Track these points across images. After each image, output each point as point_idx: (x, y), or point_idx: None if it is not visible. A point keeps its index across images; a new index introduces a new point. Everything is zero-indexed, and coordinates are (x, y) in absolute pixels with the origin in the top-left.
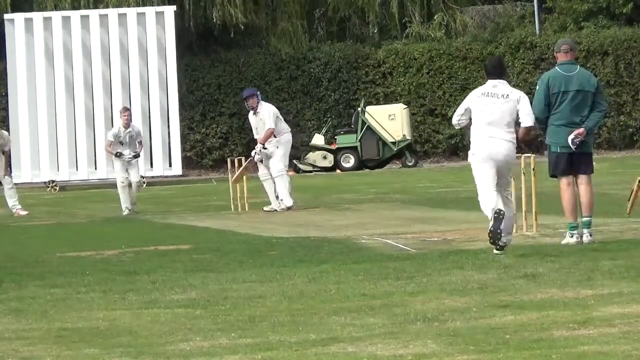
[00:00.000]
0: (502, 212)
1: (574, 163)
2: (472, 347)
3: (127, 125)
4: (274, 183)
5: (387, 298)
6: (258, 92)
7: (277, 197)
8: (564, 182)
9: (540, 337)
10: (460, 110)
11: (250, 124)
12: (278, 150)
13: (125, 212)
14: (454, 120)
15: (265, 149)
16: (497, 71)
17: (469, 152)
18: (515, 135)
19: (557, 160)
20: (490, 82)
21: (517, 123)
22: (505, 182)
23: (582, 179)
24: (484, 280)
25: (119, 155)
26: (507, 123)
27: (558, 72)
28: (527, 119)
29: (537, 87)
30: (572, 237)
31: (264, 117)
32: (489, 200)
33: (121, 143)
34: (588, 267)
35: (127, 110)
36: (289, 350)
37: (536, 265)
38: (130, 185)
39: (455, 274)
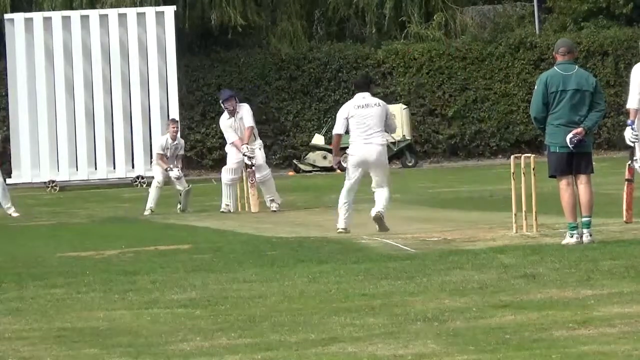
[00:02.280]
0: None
1: (574, 163)
2: (472, 347)
3: (175, 137)
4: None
5: (387, 298)
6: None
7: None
8: (563, 182)
9: (540, 337)
10: (341, 120)
11: (220, 130)
12: (261, 152)
13: (147, 213)
14: (340, 131)
15: (252, 149)
16: (364, 86)
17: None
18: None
19: (556, 160)
20: (360, 95)
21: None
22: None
23: (582, 178)
24: (484, 280)
25: (168, 170)
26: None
27: (556, 71)
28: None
29: (536, 87)
30: (572, 237)
31: (245, 116)
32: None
33: (166, 156)
34: (588, 267)
35: (175, 122)
36: (289, 350)
37: (536, 265)
38: (161, 187)
39: (455, 274)
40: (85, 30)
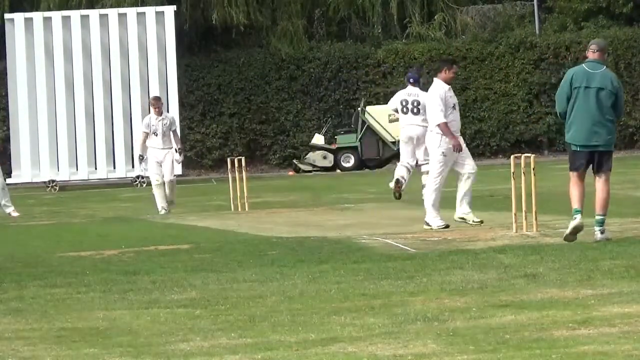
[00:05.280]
0: None
1: (595, 161)
2: (472, 347)
3: (160, 113)
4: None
5: (387, 298)
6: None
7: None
8: (574, 176)
9: (540, 337)
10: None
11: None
12: None
13: (162, 212)
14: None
15: None
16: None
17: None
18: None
19: (575, 157)
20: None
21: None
22: None
23: (600, 176)
24: (484, 280)
25: (141, 158)
26: None
27: (583, 67)
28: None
29: (562, 82)
30: (574, 219)
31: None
32: None
33: (155, 134)
34: (588, 267)
35: (157, 99)
36: (289, 350)
37: (536, 265)
38: (164, 183)
39: (455, 274)
40: (85, 30)
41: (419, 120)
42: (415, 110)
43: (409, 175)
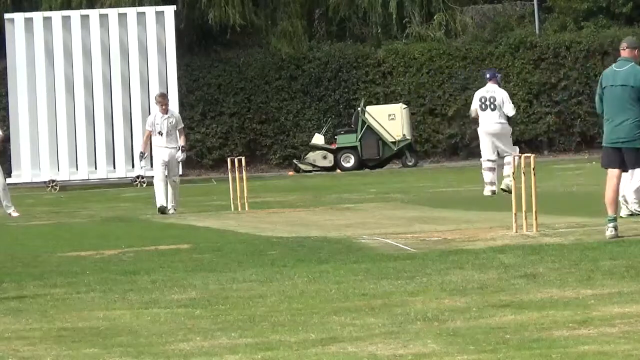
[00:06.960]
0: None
1: (625, 159)
2: (472, 347)
3: (166, 111)
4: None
5: (387, 298)
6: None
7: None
8: (608, 175)
9: (540, 337)
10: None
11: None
12: None
13: (172, 211)
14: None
15: None
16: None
17: None
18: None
19: (604, 154)
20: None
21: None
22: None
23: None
24: (484, 280)
25: (141, 155)
26: None
27: (611, 68)
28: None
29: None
30: (607, 230)
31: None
32: None
33: (160, 133)
34: (588, 267)
35: (163, 96)
36: (289, 350)
37: (536, 265)
38: (167, 182)
39: (455, 274)
40: (85, 30)
41: (496, 116)
42: (492, 106)
43: (495, 173)
